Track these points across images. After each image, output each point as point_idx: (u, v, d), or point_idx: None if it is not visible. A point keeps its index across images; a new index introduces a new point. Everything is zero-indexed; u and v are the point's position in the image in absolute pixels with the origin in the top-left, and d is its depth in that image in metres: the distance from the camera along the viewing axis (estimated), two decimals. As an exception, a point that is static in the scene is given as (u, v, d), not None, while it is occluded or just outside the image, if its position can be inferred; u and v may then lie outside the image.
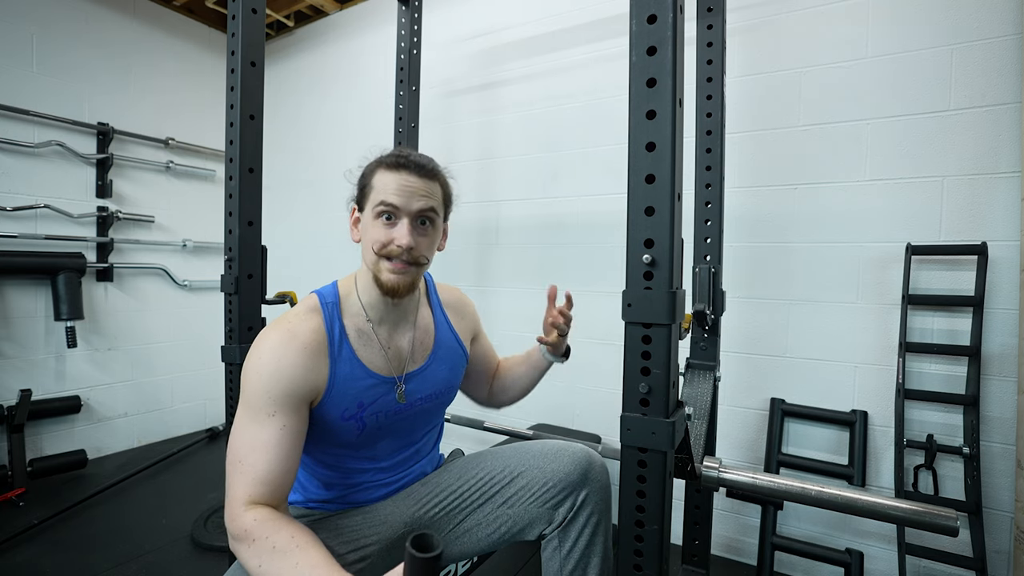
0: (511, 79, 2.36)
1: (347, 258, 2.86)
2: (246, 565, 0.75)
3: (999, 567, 1.48)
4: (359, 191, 0.95)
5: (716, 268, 1.44)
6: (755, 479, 1.03)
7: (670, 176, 0.70)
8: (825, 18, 1.72)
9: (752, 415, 1.84)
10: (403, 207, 0.89)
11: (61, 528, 1.99)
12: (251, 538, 0.75)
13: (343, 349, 0.91)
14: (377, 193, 0.90)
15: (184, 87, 3.06)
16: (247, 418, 0.82)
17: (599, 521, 0.97)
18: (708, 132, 1.47)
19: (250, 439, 0.81)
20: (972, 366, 1.51)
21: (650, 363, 0.73)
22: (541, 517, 0.97)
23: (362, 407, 0.92)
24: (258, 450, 0.80)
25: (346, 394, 0.90)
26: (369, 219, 0.91)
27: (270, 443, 0.80)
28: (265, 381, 0.82)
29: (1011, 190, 1.47)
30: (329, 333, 0.90)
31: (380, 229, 0.89)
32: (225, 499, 0.80)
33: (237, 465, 0.81)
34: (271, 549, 0.73)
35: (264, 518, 0.76)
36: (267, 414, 0.81)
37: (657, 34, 0.71)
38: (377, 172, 0.92)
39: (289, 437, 0.82)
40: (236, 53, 1.31)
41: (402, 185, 0.89)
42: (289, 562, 0.72)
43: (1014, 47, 1.46)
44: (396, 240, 0.88)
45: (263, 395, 0.82)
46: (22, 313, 2.43)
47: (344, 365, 0.90)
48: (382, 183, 0.90)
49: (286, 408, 0.82)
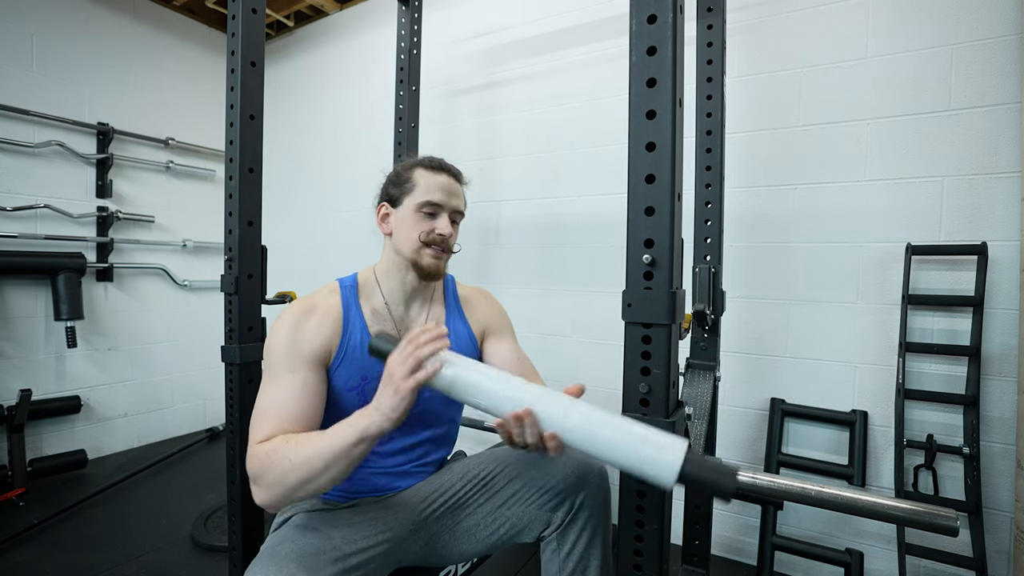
0: (511, 79, 2.36)
1: (348, 258, 2.86)
2: (279, 479, 0.78)
3: (999, 567, 1.48)
4: (396, 188, 1.04)
5: (716, 268, 1.44)
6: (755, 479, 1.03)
7: (670, 176, 0.70)
8: (825, 18, 1.72)
9: (752, 415, 1.84)
10: (444, 204, 1.02)
11: (61, 528, 1.99)
12: (275, 452, 0.79)
13: (357, 323, 1.00)
14: (421, 191, 1.01)
15: (184, 87, 3.06)
16: (269, 380, 0.90)
17: (598, 523, 0.97)
18: (708, 132, 1.47)
19: (271, 393, 0.88)
20: (972, 366, 1.51)
21: (650, 363, 0.73)
22: (539, 519, 0.98)
23: (365, 380, 0.97)
24: (279, 402, 0.87)
25: (352, 363, 0.97)
26: (409, 213, 1.01)
27: (291, 394, 0.87)
28: (285, 344, 0.91)
29: (1011, 190, 1.47)
30: (344, 309, 1.00)
31: (423, 221, 1.01)
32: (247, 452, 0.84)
33: (258, 419, 0.86)
34: (295, 443, 0.79)
35: (281, 436, 0.82)
36: (288, 370, 0.89)
37: (657, 34, 0.71)
38: (417, 171, 1.03)
39: (310, 389, 0.89)
40: (236, 53, 1.31)
41: (443, 185, 1.02)
42: (315, 436, 0.80)
43: (1014, 47, 1.46)
44: (438, 229, 1.01)
45: (283, 356, 0.90)
46: (22, 313, 2.43)
47: (355, 336, 0.98)
48: (426, 183, 1.01)
49: (305, 364, 0.91)
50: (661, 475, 0.65)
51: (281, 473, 0.78)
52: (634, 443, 0.67)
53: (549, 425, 0.73)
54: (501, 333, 1.16)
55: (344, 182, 2.94)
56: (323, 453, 0.77)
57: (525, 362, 1.14)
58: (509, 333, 1.18)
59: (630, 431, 0.68)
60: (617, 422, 0.70)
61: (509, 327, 1.19)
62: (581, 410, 0.73)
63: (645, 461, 0.66)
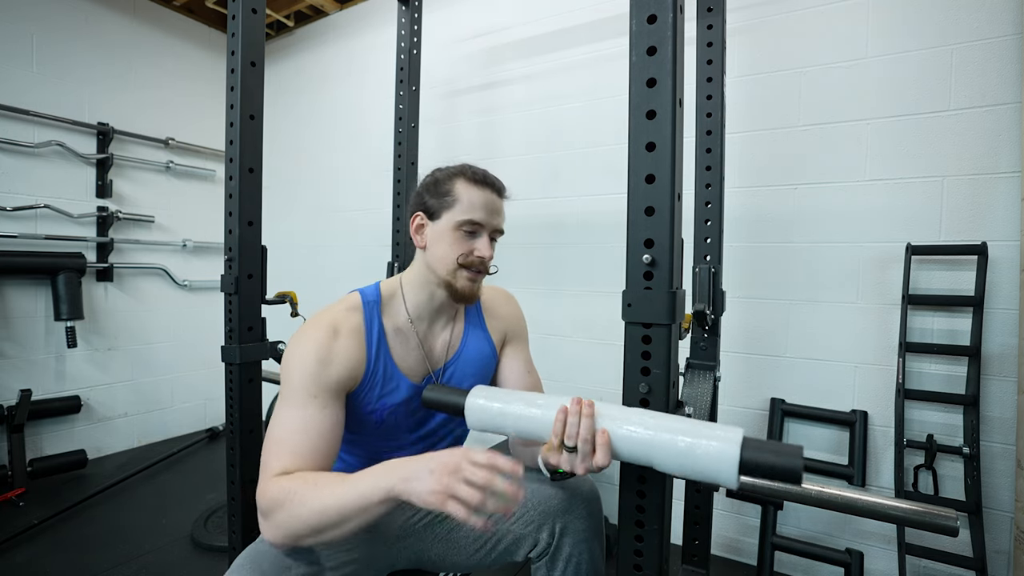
0: (511, 79, 2.36)
1: (348, 258, 2.86)
2: (291, 522, 0.74)
3: (999, 567, 1.48)
4: (433, 199, 0.96)
5: (716, 268, 1.44)
6: (755, 479, 1.03)
7: (670, 176, 0.70)
8: (825, 18, 1.72)
9: (752, 415, 1.84)
10: (486, 223, 0.96)
11: (61, 528, 1.99)
12: (292, 492, 0.74)
13: (381, 349, 0.95)
14: (462, 208, 0.94)
15: (184, 87, 3.06)
16: (287, 405, 0.84)
17: (585, 548, 0.94)
18: (708, 132, 1.47)
19: (289, 424, 0.82)
20: (972, 366, 1.51)
21: (650, 363, 0.73)
22: (525, 537, 0.95)
23: (384, 405, 0.95)
24: (297, 432, 0.81)
25: (375, 388, 0.94)
26: (447, 230, 0.94)
27: (312, 425, 0.82)
28: (306, 370, 0.85)
29: (1011, 190, 1.47)
30: (368, 331, 0.94)
31: (462, 241, 0.95)
32: (259, 482, 0.80)
33: (273, 448, 0.81)
34: (313, 485, 0.75)
35: (300, 474, 0.78)
36: (310, 396, 0.84)
37: (657, 34, 0.71)
38: (459, 184, 0.96)
39: (329, 421, 0.84)
40: (236, 53, 1.31)
41: (486, 202, 0.96)
42: (336, 481, 0.75)
43: (1014, 47, 1.46)
44: (477, 251, 0.95)
45: (304, 383, 0.84)
46: (22, 313, 2.43)
47: (380, 364, 0.94)
48: (468, 198, 0.94)
49: (326, 393, 0.85)
50: (722, 471, 0.63)
51: (293, 516, 0.74)
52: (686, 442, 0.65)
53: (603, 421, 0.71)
54: (517, 343, 1.13)
55: (344, 182, 2.94)
56: (342, 504, 0.72)
57: (534, 376, 1.12)
58: (524, 343, 1.15)
59: (678, 430, 0.67)
60: (666, 422, 0.69)
61: (525, 336, 1.16)
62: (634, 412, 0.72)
63: (700, 458, 0.64)
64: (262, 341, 1.37)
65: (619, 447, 0.70)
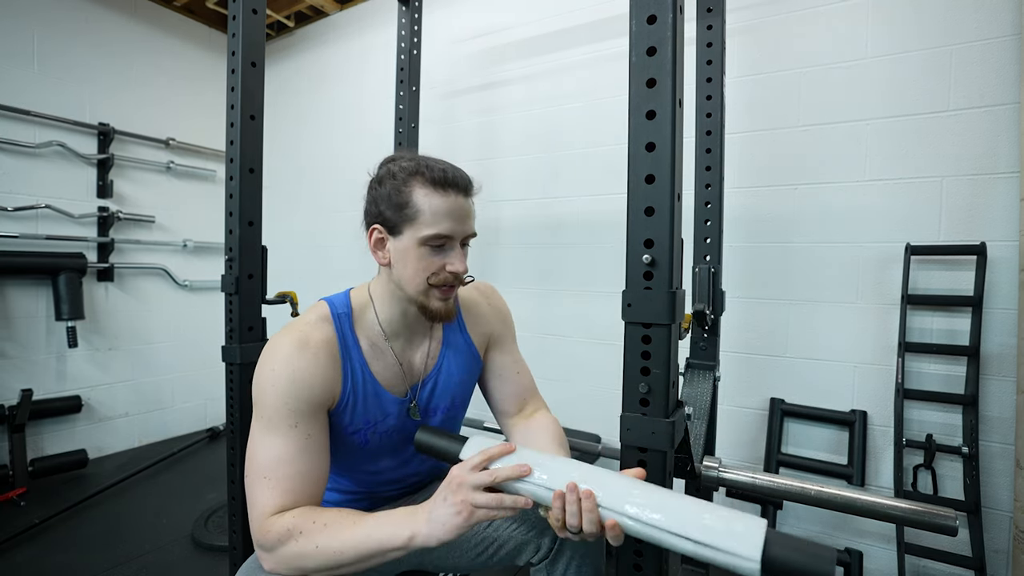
0: (511, 79, 2.37)
1: (348, 258, 2.86)
2: (300, 562, 0.72)
3: (998, 567, 1.48)
4: (392, 211, 0.83)
5: (716, 268, 1.44)
6: (755, 479, 1.04)
7: (670, 176, 0.70)
8: (825, 18, 1.72)
9: (752, 415, 1.85)
10: (455, 234, 0.84)
11: (61, 528, 1.99)
12: (297, 531, 0.72)
13: (357, 363, 0.88)
14: (426, 222, 0.81)
15: (185, 87, 3.06)
16: (266, 431, 0.79)
17: (586, 554, 0.93)
18: (708, 132, 1.48)
19: (274, 453, 0.77)
20: (971, 366, 1.51)
21: (650, 363, 0.74)
22: (527, 542, 0.93)
23: (368, 424, 0.90)
24: (284, 463, 0.77)
25: (356, 406, 0.88)
26: (411, 247, 0.83)
27: (296, 453, 0.78)
28: (282, 392, 0.79)
29: (1010, 190, 1.48)
30: (342, 345, 0.87)
31: (430, 257, 0.84)
32: (249, 517, 0.77)
33: (262, 481, 0.77)
34: (323, 525, 0.72)
35: (302, 511, 0.75)
36: (289, 425, 0.78)
37: (657, 34, 0.71)
38: (418, 191, 0.82)
39: (315, 445, 0.80)
40: (236, 53, 1.31)
41: (452, 209, 0.82)
42: (348, 522, 0.72)
43: (1013, 47, 1.47)
44: (449, 267, 0.84)
45: (281, 407, 0.78)
46: (23, 313, 2.44)
47: (357, 379, 0.88)
48: (431, 209, 0.81)
49: (307, 417, 0.80)
50: (742, 567, 0.58)
51: (303, 555, 0.72)
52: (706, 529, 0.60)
53: (609, 510, 0.65)
54: (503, 342, 1.07)
55: (344, 182, 2.94)
56: (358, 549, 0.71)
57: (524, 374, 1.07)
58: (511, 341, 1.09)
59: (700, 515, 0.61)
60: (686, 505, 0.63)
61: (511, 333, 1.09)
62: (645, 493, 0.65)
63: (720, 550, 0.59)
64: (262, 341, 1.37)
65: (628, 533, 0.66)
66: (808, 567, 0.56)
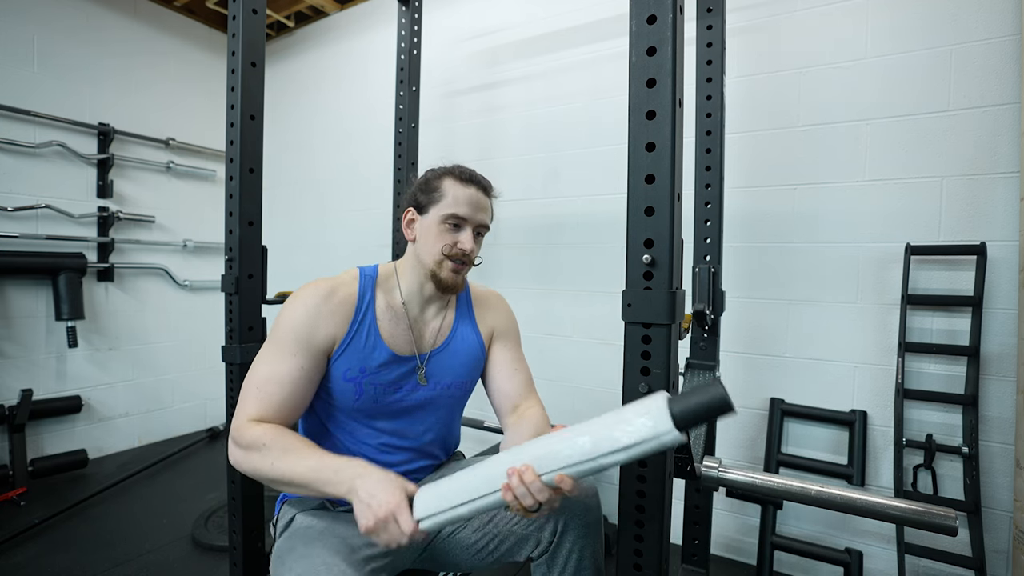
0: (511, 79, 2.37)
1: (348, 258, 2.86)
2: (257, 468, 0.85)
3: (998, 566, 1.48)
4: (423, 196, 1.03)
5: (716, 268, 1.44)
6: (755, 479, 1.03)
7: (670, 176, 0.71)
8: (825, 18, 1.72)
9: (752, 415, 1.85)
10: (469, 218, 1.00)
11: (61, 528, 2.00)
12: (261, 443, 0.84)
13: (367, 316, 1.00)
14: (448, 203, 1.00)
15: (185, 87, 3.06)
16: (271, 352, 0.93)
17: (586, 545, 0.95)
18: (708, 132, 1.48)
19: (269, 371, 0.91)
20: (971, 366, 1.51)
21: (650, 363, 0.74)
22: (528, 537, 0.96)
23: (364, 372, 0.98)
24: (274, 382, 0.91)
25: (354, 353, 0.97)
26: (434, 224, 1.01)
27: (287, 379, 0.91)
28: (294, 322, 0.93)
29: (1010, 190, 1.48)
30: (360, 299, 1.00)
31: (447, 234, 1.00)
32: (234, 416, 0.90)
33: (253, 390, 0.91)
34: (282, 449, 0.84)
35: (273, 428, 0.87)
36: (290, 353, 0.92)
37: (657, 34, 0.71)
38: (446, 181, 1.02)
39: (305, 378, 0.93)
40: (236, 53, 1.32)
41: (470, 198, 1.00)
42: (302, 455, 0.83)
43: (1013, 47, 1.47)
44: (460, 244, 1.00)
45: (289, 333, 0.93)
46: (23, 313, 2.44)
47: (363, 330, 0.99)
48: (453, 194, 1.00)
49: (306, 352, 0.93)
50: (663, 439, 0.63)
51: (260, 467, 0.84)
52: (620, 430, 0.64)
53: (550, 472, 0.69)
54: (506, 339, 1.14)
55: (344, 182, 2.94)
56: (303, 481, 0.82)
57: (523, 372, 1.12)
58: (514, 340, 1.16)
59: (611, 429, 0.66)
60: (595, 423, 0.68)
61: (515, 334, 1.17)
62: (560, 438, 0.70)
63: (639, 440, 0.63)
64: (263, 341, 1.37)
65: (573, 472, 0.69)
66: (708, 404, 0.62)
